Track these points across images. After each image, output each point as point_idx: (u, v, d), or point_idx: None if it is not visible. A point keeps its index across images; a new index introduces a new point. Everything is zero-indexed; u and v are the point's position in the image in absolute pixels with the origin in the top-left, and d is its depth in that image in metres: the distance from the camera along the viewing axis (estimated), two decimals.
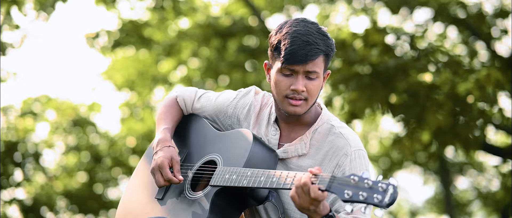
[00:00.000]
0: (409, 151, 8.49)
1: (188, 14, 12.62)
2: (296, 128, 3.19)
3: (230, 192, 3.06)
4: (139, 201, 3.35)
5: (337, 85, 8.37)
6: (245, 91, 3.38)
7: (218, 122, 3.39)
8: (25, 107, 14.88)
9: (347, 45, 8.33)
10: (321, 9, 12.70)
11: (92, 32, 12.73)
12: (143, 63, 14.61)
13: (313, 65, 3.04)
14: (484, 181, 18.29)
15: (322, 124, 3.17)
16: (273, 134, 3.21)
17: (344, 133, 3.13)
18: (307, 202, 2.75)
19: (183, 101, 3.47)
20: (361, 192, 2.60)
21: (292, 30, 3.05)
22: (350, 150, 3.08)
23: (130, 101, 16.10)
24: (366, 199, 2.58)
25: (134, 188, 3.45)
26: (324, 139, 3.13)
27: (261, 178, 2.94)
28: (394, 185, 2.56)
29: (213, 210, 3.03)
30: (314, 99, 3.11)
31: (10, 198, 14.44)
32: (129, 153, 15.72)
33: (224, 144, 3.23)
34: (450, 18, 9.68)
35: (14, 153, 14.25)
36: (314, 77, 3.06)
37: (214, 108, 3.39)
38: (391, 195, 2.55)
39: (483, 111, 8.17)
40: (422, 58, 8.16)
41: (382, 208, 2.56)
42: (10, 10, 11.32)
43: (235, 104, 3.34)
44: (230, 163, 3.10)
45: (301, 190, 2.75)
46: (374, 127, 18.31)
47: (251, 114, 3.30)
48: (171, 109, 3.46)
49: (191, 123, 3.44)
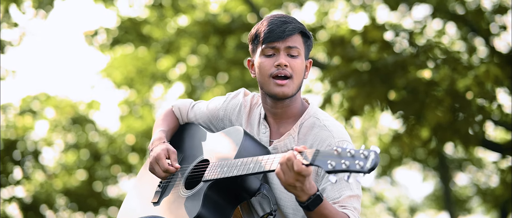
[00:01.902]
0: (409, 147, 8.49)
1: (186, 11, 12.61)
2: (284, 123, 3.23)
3: (222, 185, 3.08)
4: (137, 207, 3.40)
5: (336, 82, 8.37)
6: (234, 93, 3.46)
7: (212, 127, 3.45)
8: (24, 105, 14.88)
9: (346, 42, 8.33)
10: (319, 6, 12.70)
11: (91, 30, 12.71)
12: (142, 61, 14.61)
13: (293, 41, 3.15)
14: (483, 177, 18.30)
15: (309, 118, 3.22)
16: (263, 132, 3.25)
17: (328, 125, 3.18)
18: (292, 178, 2.78)
19: (179, 110, 3.55)
20: (343, 160, 2.65)
21: (268, 17, 3.21)
22: (334, 141, 3.12)
23: (129, 99, 16.10)
24: (349, 167, 2.64)
25: (134, 193, 3.51)
26: (309, 132, 3.18)
27: (250, 165, 2.98)
28: (375, 151, 2.62)
29: (205, 203, 3.04)
30: (299, 80, 3.18)
31: (9, 196, 14.45)
32: (128, 151, 15.72)
33: (216, 142, 3.27)
34: (449, 14, 9.68)
35: (14, 151, 14.26)
36: (295, 54, 3.16)
37: (207, 114, 3.46)
38: (373, 160, 2.61)
39: (482, 107, 8.17)
40: (421, 55, 8.16)
41: (365, 173, 2.62)
42: (9, 8, 11.31)
43: (226, 106, 3.40)
44: (222, 158, 3.14)
45: (285, 165, 2.79)
46: (373, 124, 18.31)
47: (242, 114, 3.36)
48: (167, 117, 3.56)
49: (186, 129, 3.51)
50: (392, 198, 22.42)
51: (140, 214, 3.30)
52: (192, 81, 14.35)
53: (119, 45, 13.09)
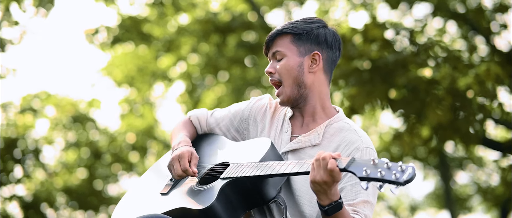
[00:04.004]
0: (409, 146, 8.49)
1: (187, 9, 12.61)
2: (310, 123, 3.22)
3: (240, 186, 3.04)
4: (141, 196, 3.35)
5: (336, 81, 8.36)
6: (260, 96, 3.46)
7: (234, 131, 3.41)
8: (24, 103, 14.89)
9: (347, 40, 8.32)
10: (320, 4, 12.69)
11: (92, 28, 12.72)
12: (142, 59, 14.61)
13: (275, 46, 3.22)
14: (484, 176, 18.29)
15: (338, 121, 3.21)
16: (285, 131, 3.25)
17: (358, 131, 3.18)
18: (322, 176, 2.78)
19: (197, 119, 3.49)
20: (379, 169, 2.64)
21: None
22: (362, 145, 3.11)
23: (130, 97, 16.10)
24: (384, 176, 2.62)
25: (139, 186, 3.45)
26: (337, 133, 3.17)
27: (276, 167, 2.96)
28: (413, 167, 2.60)
29: (220, 198, 2.99)
30: (290, 79, 3.19)
31: (10, 195, 14.46)
32: (129, 149, 15.73)
33: (239, 150, 3.24)
34: (450, 13, 9.68)
35: (14, 150, 14.26)
36: (279, 57, 3.21)
37: (229, 116, 3.42)
38: (410, 174, 2.60)
39: (482, 106, 8.17)
40: (421, 53, 8.15)
41: (399, 185, 2.60)
42: (10, 6, 11.32)
43: (251, 107, 3.39)
44: (244, 161, 3.10)
45: (319, 162, 2.79)
46: (373, 122, 18.30)
47: (267, 114, 3.35)
48: (185, 125, 3.48)
49: (206, 139, 3.44)
50: (392, 196, 22.43)
51: (143, 203, 3.26)
52: (192, 79, 14.36)
53: (119, 44, 13.10)
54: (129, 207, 3.34)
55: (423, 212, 22.97)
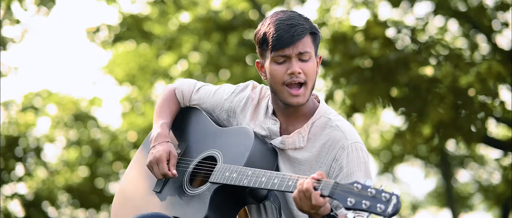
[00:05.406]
0: (411, 144, 8.49)
1: (188, 8, 12.61)
2: (294, 121, 3.18)
3: (229, 190, 3.06)
4: (137, 192, 3.38)
5: (338, 79, 8.36)
6: (243, 86, 3.38)
7: (214, 115, 3.40)
8: (26, 102, 14.90)
9: (348, 38, 8.32)
10: (321, 3, 12.68)
11: (93, 27, 12.72)
12: (143, 58, 14.62)
13: (303, 46, 3.07)
14: (485, 174, 18.29)
15: (320, 117, 3.16)
16: (273, 124, 3.20)
17: (340, 126, 3.13)
18: (308, 206, 2.77)
19: (181, 93, 3.47)
20: (364, 200, 2.61)
21: (274, 20, 3.10)
22: (347, 143, 3.07)
23: (131, 96, 16.10)
24: (369, 208, 2.60)
25: (131, 178, 3.47)
26: (321, 132, 3.13)
27: (262, 179, 2.94)
28: (397, 195, 2.58)
29: (212, 207, 3.04)
30: (312, 83, 3.11)
31: (11, 193, 14.47)
32: (130, 148, 15.73)
33: (224, 141, 3.23)
34: (451, 11, 9.67)
35: (15, 148, 14.27)
36: (307, 58, 3.09)
37: (212, 102, 3.40)
38: (394, 205, 2.56)
39: (484, 104, 8.16)
40: (423, 52, 8.15)
41: (385, 217, 2.58)
42: (11, 4, 11.32)
43: (232, 99, 3.34)
44: (231, 160, 3.10)
45: (303, 194, 2.77)
46: (375, 121, 18.31)
47: (248, 106, 3.31)
48: (169, 102, 3.48)
49: (190, 116, 3.45)
50: None
51: (142, 201, 3.30)
52: (194, 78, 14.35)
53: (121, 42, 13.10)
54: (127, 205, 3.38)
55: (425, 210, 22.97)
